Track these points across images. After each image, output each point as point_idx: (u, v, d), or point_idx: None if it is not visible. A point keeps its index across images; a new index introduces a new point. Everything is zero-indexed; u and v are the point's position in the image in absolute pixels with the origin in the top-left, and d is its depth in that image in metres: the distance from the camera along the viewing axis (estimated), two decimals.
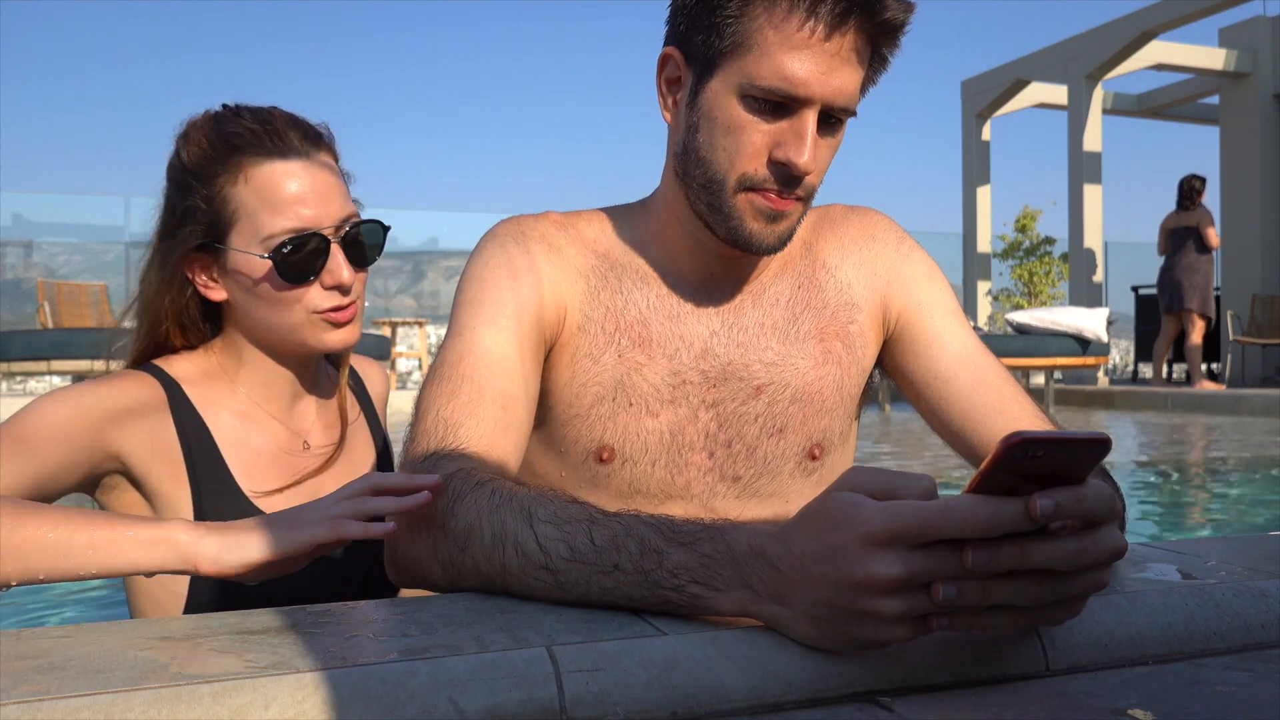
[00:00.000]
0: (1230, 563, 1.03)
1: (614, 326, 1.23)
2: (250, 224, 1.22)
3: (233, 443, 1.27)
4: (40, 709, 0.65)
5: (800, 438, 1.25)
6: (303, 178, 1.23)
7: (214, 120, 1.26)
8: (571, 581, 0.86)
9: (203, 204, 1.23)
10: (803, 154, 1.07)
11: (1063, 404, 9.87)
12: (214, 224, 1.23)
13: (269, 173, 1.22)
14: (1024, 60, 13.21)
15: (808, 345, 1.26)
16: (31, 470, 1.11)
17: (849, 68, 1.08)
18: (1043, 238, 18.29)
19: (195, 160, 1.24)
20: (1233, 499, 4.32)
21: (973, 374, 1.24)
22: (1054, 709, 0.74)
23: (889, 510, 0.71)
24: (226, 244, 1.24)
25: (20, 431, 1.12)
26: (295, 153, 1.24)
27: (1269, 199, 11.94)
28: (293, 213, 1.22)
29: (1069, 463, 0.69)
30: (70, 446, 1.15)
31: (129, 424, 1.20)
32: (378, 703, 0.68)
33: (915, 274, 1.31)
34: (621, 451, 1.22)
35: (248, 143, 1.22)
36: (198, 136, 1.25)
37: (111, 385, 1.21)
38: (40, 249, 17.35)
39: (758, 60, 1.07)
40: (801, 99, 1.07)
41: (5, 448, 1.09)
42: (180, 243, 1.25)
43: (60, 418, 1.14)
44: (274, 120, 1.25)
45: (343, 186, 1.29)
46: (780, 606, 0.76)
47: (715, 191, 1.12)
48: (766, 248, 1.14)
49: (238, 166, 1.22)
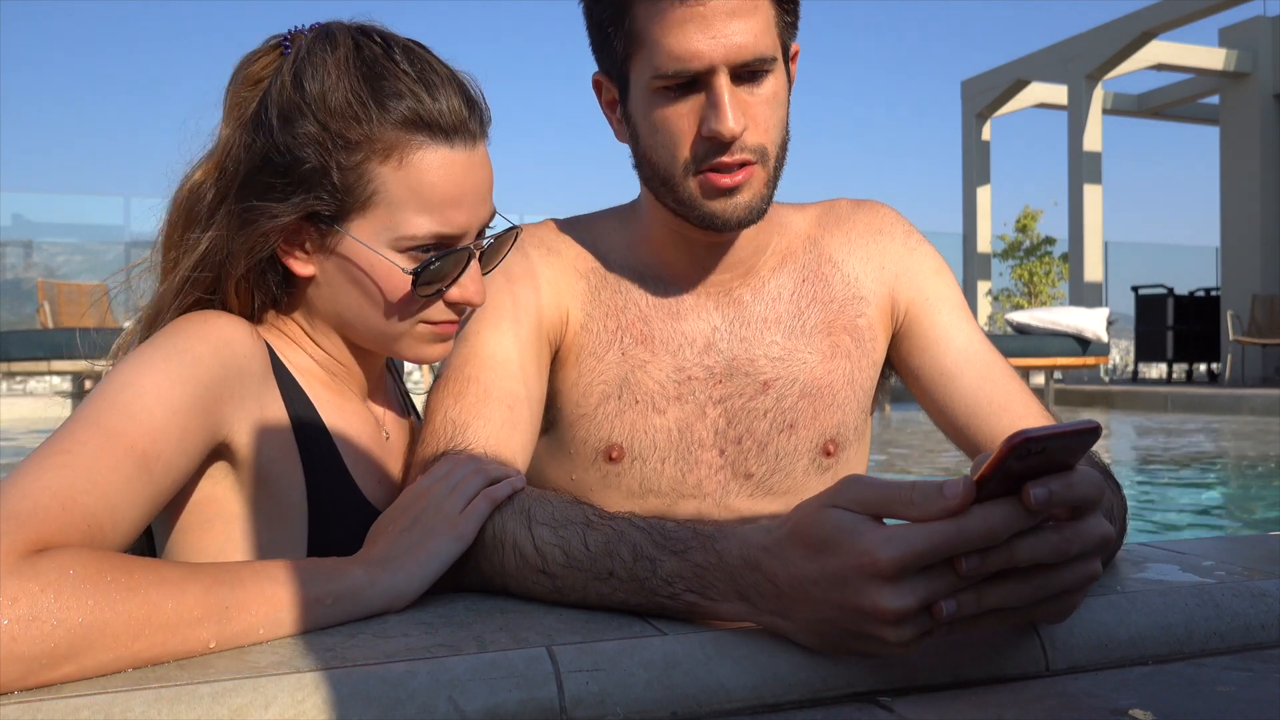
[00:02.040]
0: (1230, 563, 1.03)
1: (616, 325, 1.23)
2: (387, 217, 0.98)
3: (336, 428, 1.05)
4: (40, 709, 0.65)
5: (813, 433, 1.25)
6: (464, 173, 1.00)
7: (363, 62, 0.98)
8: (568, 586, 0.86)
9: (335, 173, 0.97)
10: (723, 121, 1.06)
11: (1063, 404, 9.86)
12: (340, 201, 0.98)
13: (430, 162, 0.98)
14: (1024, 60, 13.21)
15: (815, 339, 1.25)
16: (154, 490, 0.84)
17: (736, 19, 1.05)
18: (1043, 238, 18.30)
19: (337, 108, 0.97)
20: (1233, 499, 4.32)
21: (979, 371, 1.24)
22: (1054, 709, 0.74)
23: (895, 541, 0.69)
24: (345, 227, 0.99)
25: (123, 432, 0.83)
26: (462, 137, 1.00)
27: (1269, 199, 11.94)
28: (443, 216, 0.99)
29: (1062, 453, 0.70)
30: (190, 440, 0.88)
31: (240, 390, 0.94)
32: (378, 703, 0.68)
33: (923, 268, 1.30)
34: (630, 449, 1.22)
35: (414, 115, 0.97)
36: (340, 75, 0.98)
37: (209, 338, 0.93)
38: (40, 249, 17.35)
39: (651, 52, 1.07)
40: (702, 70, 1.06)
41: (120, 458, 0.81)
42: (283, 205, 0.98)
43: (173, 400, 0.87)
44: (440, 82, 1.00)
45: (492, 180, 1.06)
46: (781, 619, 0.76)
47: (671, 186, 1.13)
48: (738, 221, 1.14)
49: (394, 144, 0.97)
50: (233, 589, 0.77)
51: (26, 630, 0.66)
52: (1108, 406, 9.74)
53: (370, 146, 0.97)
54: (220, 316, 0.97)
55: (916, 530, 0.69)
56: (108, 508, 0.78)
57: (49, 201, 19.40)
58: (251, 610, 0.77)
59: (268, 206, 0.98)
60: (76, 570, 0.70)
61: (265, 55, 1.03)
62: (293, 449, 1.00)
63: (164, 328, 0.96)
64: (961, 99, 14.35)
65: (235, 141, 1.00)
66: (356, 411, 1.10)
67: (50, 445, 0.81)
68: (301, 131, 0.97)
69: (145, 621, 0.71)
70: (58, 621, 0.67)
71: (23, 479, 0.76)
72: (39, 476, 0.76)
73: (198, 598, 0.74)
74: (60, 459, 0.78)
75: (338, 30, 1.01)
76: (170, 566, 0.76)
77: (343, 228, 0.99)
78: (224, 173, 1.00)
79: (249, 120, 1.00)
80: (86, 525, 0.76)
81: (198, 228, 1.01)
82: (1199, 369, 13.58)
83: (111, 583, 0.71)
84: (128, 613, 0.70)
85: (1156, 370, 14.85)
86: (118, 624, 0.70)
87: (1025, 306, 17.54)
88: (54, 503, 0.75)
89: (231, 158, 1.00)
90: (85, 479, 0.78)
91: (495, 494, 0.94)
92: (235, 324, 0.97)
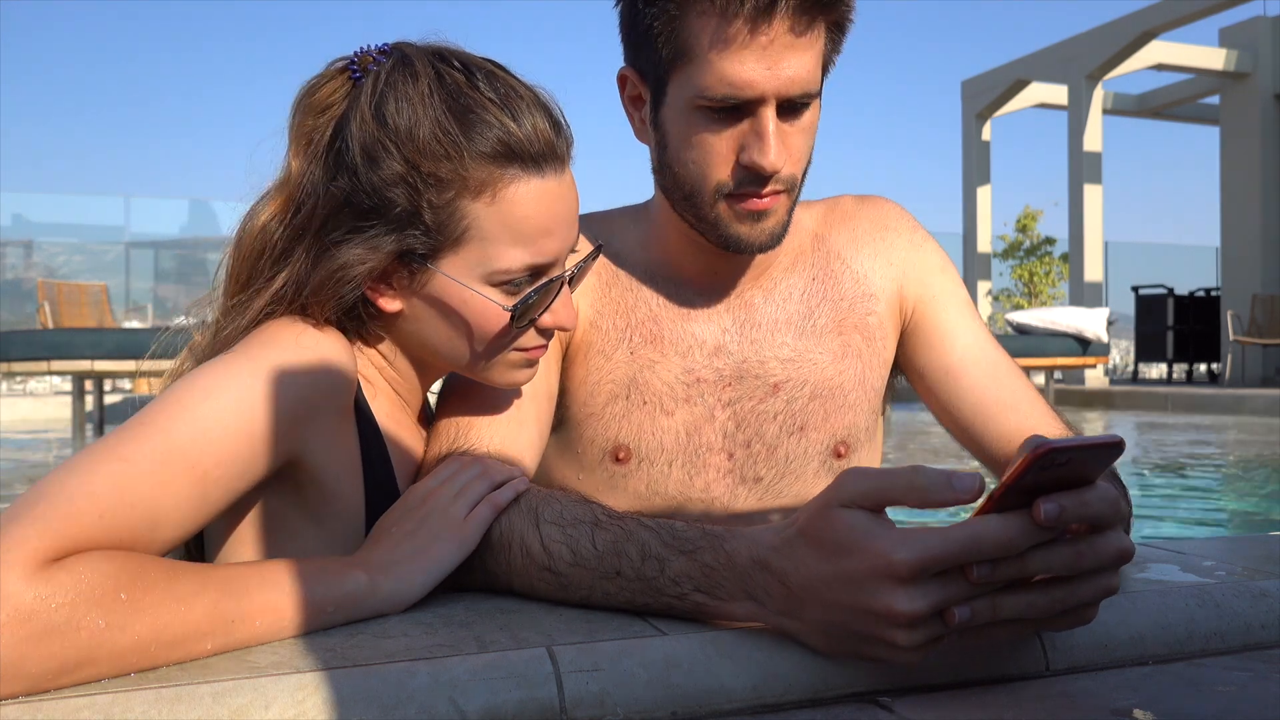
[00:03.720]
0: (1230, 563, 1.03)
1: (625, 323, 1.22)
2: (480, 251, 0.95)
3: (393, 444, 1.03)
4: (40, 709, 0.65)
5: (823, 435, 1.23)
6: (555, 202, 0.97)
7: (447, 93, 0.94)
8: (575, 585, 0.86)
9: (426, 212, 0.93)
10: (767, 154, 1.05)
11: (1063, 404, 9.85)
12: (432, 239, 0.95)
13: (523, 195, 0.95)
14: (1024, 60, 13.21)
15: (826, 339, 1.24)
16: (206, 510, 0.82)
17: (794, 53, 1.03)
18: (1043, 238, 18.30)
19: (426, 145, 0.92)
20: (1233, 499, 4.32)
21: (985, 370, 1.22)
22: (1054, 709, 0.74)
23: (911, 544, 0.69)
24: (437, 264, 0.96)
25: (190, 449, 0.80)
26: (551, 163, 0.97)
27: (1269, 199, 11.94)
28: (536, 247, 0.96)
29: (1084, 466, 0.69)
30: (259, 462, 0.86)
31: (324, 412, 0.92)
32: (378, 703, 0.68)
33: (929, 265, 1.29)
34: (637, 451, 1.21)
35: (504, 146, 0.94)
36: (425, 109, 0.93)
37: (306, 354, 0.90)
38: (40, 249, 17.36)
39: (700, 70, 1.04)
40: (752, 99, 1.03)
41: (178, 475, 0.79)
42: (373, 249, 0.94)
43: (253, 421, 0.84)
44: (525, 107, 0.96)
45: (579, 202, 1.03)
46: (789, 619, 0.76)
47: (696, 204, 1.12)
48: (759, 246, 1.13)
49: (486, 180, 0.93)
50: (238, 601, 0.77)
51: (36, 650, 0.66)
52: (1108, 406, 9.74)
53: (462, 183, 0.93)
54: (320, 332, 0.94)
55: (933, 535, 0.69)
56: (149, 524, 0.77)
57: (49, 201, 19.44)
58: (255, 622, 0.77)
59: (356, 250, 0.94)
60: (93, 587, 0.70)
61: (331, 81, 0.98)
62: (358, 469, 0.97)
63: (259, 333, 0.93)
64: (961, 99, 14.34)
65: (309, 176, 0.95)
66: (410, 426, 1.08)
67: (111, 446, 0.78)
68: (388, 170, 0.92)
69: (152, 640, 0.71)
70: (67, 642, 0.68)
71: (70, 477, 0.75)
72: (87, 479, 0.75)
73: (204, 613, 0.74)
74: (116, 465, 0.77)
75: (415, 57, 0.96)
76: (183, 578, 0.75)
77: (434, 265, 0.96)
78: (299, 209, 0.96)
79: (323, 154, 0.95)
80: (120, 537, 0.75)
81: (270, 268, 0.96)
82: (1199, 369, 13.59)
83: (126, 602, 0.71)
84: (136, 633, 0.70)
85: (1156, 370, 14.86)
86: (124, 642, 0.70)
87: (1025, 306, 17.55)
88: (92, 509, 0.73)
89: (306, 194, 0.95)
90: (134, 491, 0.76)
91: (499, 499, 0.93)
92: (334, 343, 0.94)
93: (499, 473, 0.97)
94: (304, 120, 0.98)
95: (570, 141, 1.00)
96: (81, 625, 0.68)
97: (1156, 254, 20.23)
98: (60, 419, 8.47)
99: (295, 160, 0.97)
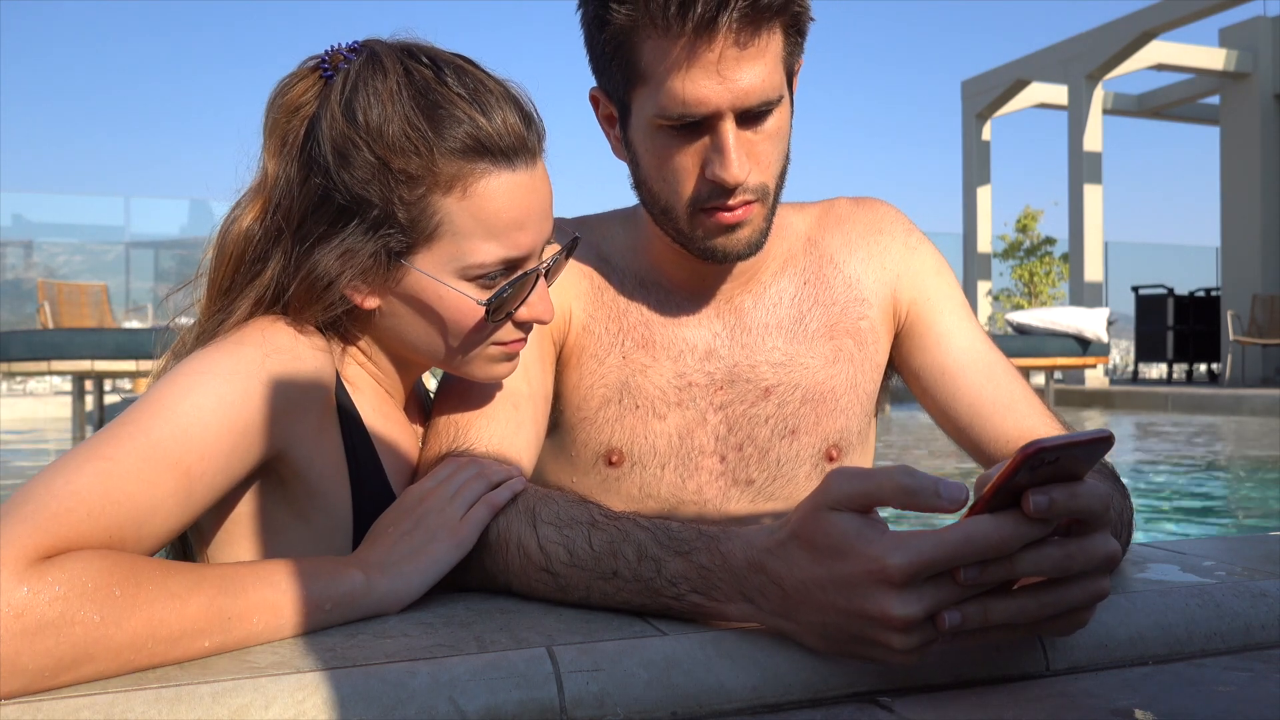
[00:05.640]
0: (1230, 563, 1.03)
1: (618, 327, 1.23)
2: (453, 247, 0.96)
3: (380, 440, 1.04)
4: (40, 709, 0.65)
5: (815, 439, 1.24)
6: (527, 195, 0.97)
7: (415, 89, 0.94)
8: (572, 585, 0.86)
9: (399, 209, 0.94)
10: (729, 168, 1.04)
11: (1062, 404, 9.86)
12: (405, 236, 0.95)
13: (494, 189, 0.95)
14: (1024, 60, 13.21)
15: (817, 344, 1.24)
16: (191, 507, 0.83)
17: (744, 64, 1.02)
18: (1043, 238, 18.30)
19: (395, 142, 0.92)
20: (1233, 499, 4.32)
21: (981, 371, 1.23)
22: (1054, 709, 0.74)
23: (904, 548, 0.69)
24: (411, 261, 0.96)
25: (172, 446, 0.81)
26: (522, 157, 0.97)
27: (1269, 199, 11.94)
28: (510, 240, 0.97)
29: (1074, 463, 0.69)
30: (241, 458, 0.87)
31: (303, 407, 0.92)
32: (378, 703, 0.68)
33: (924, 268, 1.29)
34: (630, 454, 1.22)
35: (473, 140, 0.94)
36: (394, 105, 0.93)
37: (282, 351, 0.91)
38: (40, 249, 17.36)
39: (654, 90, 1.04)
40: (708, 115, 1.03)
41: (161, 472, 0.80)
42: (348, 250, 0.95)
43: (233, 417, 0.85)
44: (495, 101, 0.96)
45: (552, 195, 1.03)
46: (785, 620, 0.76)
47: (672, 218, 1.12)
48: (737, 255, 1.13)
49: (456, 174, 0.94)
50: (235, 598, 0.77)
51: (31, 645, 0.66)
52: (1107, 406, 9.74)
53: (433, 179, 0.93)
54: (294, 328, 0.95)
55: (926, 538, 0.69)
56: (135, 521, 0.77)
57: (49, 201, 19.43)
58: (252, 619, 0.78)
59: (335, 250, 0.95)
60: (86, 582, 0.70)
61: (302, 80, 0.99)
62: (343, 466, 0.98)
63: (236, 330, 0.94)
64: (961, 99, 14.34)
65: (284, 176, 0.96)
66: (398, 421, 1.08)
67: (94, 446, 0.79)
68: (360, 168, 0.93)
69: (149, 636, 0.71)
70: (62, 637, 0.68)
71: (56, 477, 0.75)
72: (72, 478, 0.75)
73: (201, 609, 0.75)
74: (100, 464, 0.77)
75: (384, 54, 0.96)
76: (177, 575, 0.76)
77: (408, 261, 0.96)
78: (276, 209, 0.97)
79: (298, 154, 0.96)
80: (108, 535, 0.75)
81: (250, 270, 0.97)
82: (1199, 369, 13.59)
83: (120, 597, 0.70)
84: (132, 629, 0.70)
85: (1156, 370, 14.86)
86: (121, 638, 0.70)
87: (1025, 306, 17.55)
88: (80, 508, 0.74)
89: (282, 194, 0.96)
90: (119, 489, 0.77)
91: (495, 500, 0.93)
92: (309, 339, 0.95)
93: (496, 473, 0.97)
94: (277, 120, 0.98)
95: (542, 134, 1.00)
96: (76, 620, 0.68)
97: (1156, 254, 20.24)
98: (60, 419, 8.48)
99: (270, 161, 0.98)
